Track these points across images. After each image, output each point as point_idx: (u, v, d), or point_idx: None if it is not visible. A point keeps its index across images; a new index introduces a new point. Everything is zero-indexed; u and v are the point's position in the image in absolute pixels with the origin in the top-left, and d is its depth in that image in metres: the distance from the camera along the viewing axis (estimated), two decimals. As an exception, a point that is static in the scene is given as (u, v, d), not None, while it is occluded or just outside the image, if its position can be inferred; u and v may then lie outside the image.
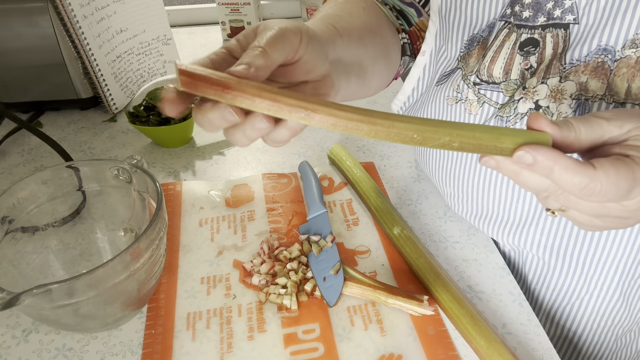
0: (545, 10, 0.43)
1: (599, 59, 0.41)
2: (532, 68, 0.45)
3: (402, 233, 0.54)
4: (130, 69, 0.87)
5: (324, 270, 0.51)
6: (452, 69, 0.53)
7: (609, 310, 0.52)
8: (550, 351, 0.45)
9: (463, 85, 0.50)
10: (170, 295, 0.50)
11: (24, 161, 0.72)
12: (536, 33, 0.44)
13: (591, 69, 0.41)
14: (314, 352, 0.45)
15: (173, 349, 0.45)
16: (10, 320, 0.48)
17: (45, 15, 0.73)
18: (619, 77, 0.40)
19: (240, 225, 0.58)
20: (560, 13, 0.42)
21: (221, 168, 0.70)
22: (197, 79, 0.31)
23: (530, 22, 0.44)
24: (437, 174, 0.56)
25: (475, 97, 0.49)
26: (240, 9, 1.07)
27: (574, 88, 0.42)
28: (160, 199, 0.45)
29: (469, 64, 0.50)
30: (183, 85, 0.31)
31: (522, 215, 0.49)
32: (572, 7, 0.42)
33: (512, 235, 0.52)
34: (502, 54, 0.46)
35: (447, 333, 0.46)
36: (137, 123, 0.71)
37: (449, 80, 0.52)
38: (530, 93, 0.45)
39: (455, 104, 0.51)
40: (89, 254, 0.52)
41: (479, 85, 0.48)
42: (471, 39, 0.49)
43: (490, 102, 0.48)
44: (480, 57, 0.48)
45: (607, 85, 0.41)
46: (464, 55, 0.50)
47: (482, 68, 0.48)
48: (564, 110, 0.43)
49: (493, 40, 0.47)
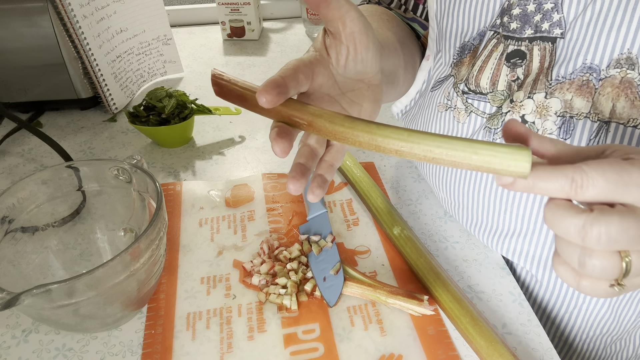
0: (532, 23, 0.43)
1: (584, 77, 0.41)
2: (519, 80, 0.45)
3: (402, 233, 0.54)
4: (130, 69, 0.87)
5: (324, 270, 0.51)
6: (445, 75, 0.53)
7: (597, 320, 0.52)
8: (551, 351, 0.45)
9: (453, 93, 0.50)
10: (170, 295, 0.50)
11: (24, 161, 0.72)
12: (523, 45, 0.44)
13: (576, 87, 0.42)
14: (314, 352, 0.45)
15: (173, 349, 0.45)
16: (10, 320, 0.48)
17: (45, 15, 0.73)
18: (603, 96, 0.41)
19: (240, 225, 0.58)
20: (548, 26, 0.43)
21: (221, 168, 0.70)
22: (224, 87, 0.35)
23: (517, 33, 0.44)
24: (431, 178, 0.57)
25: (463, 106, 0.49)
26: (240, 9, 1.07)
27: (559, 105, 0.43)
28: (160, 199, 0.45)
29: (461, 72, 0.50)
30: (214, 85, 0.35)
31: (510, 225, 0.50)
32: (560, 21, 0.42)
33: (501, 245, 0.52)
34: (489, 64, 0.46)
35: (447, 333, 0.46)
36: (137, 123, 0.71)
37: (442, 86, 0.53)
38: (517, 107, 0.45)
39: (445, 111, 0.52)
40: (89, 254, 0.52)
41: (467, 94, 0.49)
42: (462, 46, 0.50)
43: (478, 111, 0.48)
44: (470, 65, 0.49)
45: (592, 103, 0.41)
46: (457, 62, 0.51)
47: (471, 77, 0.48)
48: (548, 126, 0.43)
49: (482, 50, 0.47)
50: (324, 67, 0.39)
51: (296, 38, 1.12)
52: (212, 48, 1.08)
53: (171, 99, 0.71)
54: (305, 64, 0.37)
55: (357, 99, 0.41)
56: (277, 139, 0.34)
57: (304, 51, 0.98)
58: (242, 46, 1.09)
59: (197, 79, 0.95)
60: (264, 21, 1.20)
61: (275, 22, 1.20)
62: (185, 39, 1.12)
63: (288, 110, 0.33)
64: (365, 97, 0.42)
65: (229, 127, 0.79)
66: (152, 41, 0.91)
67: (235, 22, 1.09)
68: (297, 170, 0.37)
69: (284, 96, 0.33)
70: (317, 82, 0.38)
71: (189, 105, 0.73)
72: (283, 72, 0.35)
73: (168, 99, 0.71)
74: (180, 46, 1.03)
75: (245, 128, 0.79)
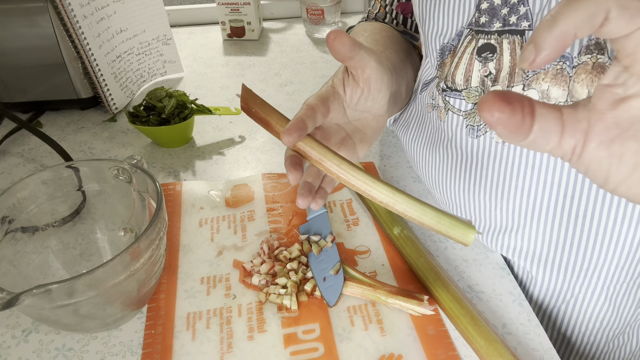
0: (500, 16, 0.44)
1: (557, 65, 0.42)
2: (492, 75, 0.45)
3: (402, 233, 0.54)
4: (130, 69, 0.87)
5: (324, 270, 0.51)
6: (431, 77, 0.54)
7: (595, 313, 0.52)
8: (550, 351, 0.45)
9: (436, 92, 0.51)
10: (170, 295, 0.50)
11: (24, 161, 0.72)
12: (492, 39, 0.45)
13: (551, 76, 0.42)
14: (314, 352, 0.45)
15: (173, 349, 0.45)
16: (10, 320, 0.48)
17: (45, 15, 0.73)
18: (578, 83, 0.41)
19: (240, 225, 0.58)
20: (516, 19, 0.43)
21: (221, 168, 0.70)
22: (252, 103, 0.39)
23: (486, 27, 0.45)
24: (427, 179, 0.58)
25: (443, 104, 0.50)
26: (240, 9, 1.07)
27: (537, 96, 0.43)
28: (160, 199, 0.45)
29: (444, 72, 0.51)
30: (241, 101, 0.40)
31: (503, 222, 0.50)
32: (527, 13, 0.42)
33: (496, 242, 0.53)
34: (463, 59, 0.47)
35: (447, 333, 0.46)
36: (137, 123, 0.71)
37: (428, 87, 0.54)
38: None
39: (432, 111, 0.53)
40: (89, 254, 0.52)
41: (445, 91, 0.49)
42: (442, 48, 0.50)
43: (454, 109, 0.49)
44: (450, 65, 0.49)
45: (568, 91, 0.42)
46: (440, 64, 0.51)
47: (449, 74, 0.49)
48: None
49: (459, 48, 0.48)
50: (337, 104, 0.44)
51: (296, 38, 1.12)
52: (212, 48, 1.08)
53: (171, 99, 0.71)
54: (323, 102, 0.42)
55: (362, 127, 0.47)
56: (292, 170, 0.41)
57: (304, 51, 0.99)
58: (242, 46, 1.09)
59: (197, 79, 0.96)
60: (264, 21, 1.20)
61: (275, 22, 1.20)
62: (185, 39, 1.12)
63: (304, 146, 0.39)
64: (370, 125, 0.47)
65: (229, 127, 0.79)
66: (152, 41, 0.91)
67: (235, 22, 1.09)
68: (305, 188, 0.44)
69: (304, 135, 0.38)
70: (330, 115, 0.43)
71: (189, 105, 0.73)
72: (304, 112, 0.40)
73: (168, 99, 0.71)
74: (180, 46, 1.03)
75: (245, 128, 0.79)
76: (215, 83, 0.94)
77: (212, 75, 0.96)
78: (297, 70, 0.97)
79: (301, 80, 0.93)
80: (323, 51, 1.05)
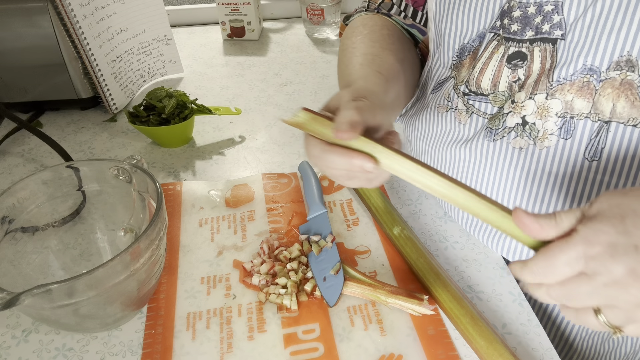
0: (533, 25, 0.44)
1: (584, 78, 0.42)
2: (520, 81, 0.45)
3: (402, 233, 0.54)
4: (130, 69, 0.87)
5: (324, 270, 0.51)
6: (445, 77, 0.53)
7: None
8: (550, 351, 0.45)
9: (453, 95, 0.51)
10: (170, 295, 0.50)
11: (24, 161, 0.72)
12: (524, 47, 0.45)
13: (577, 88, 0.42)
14: (314, 352, 0.45)
15: (173, 349, 0.45)
16: (10, 320, 0.48)
17: (45, 15, 0.73)
18: (604, 97, 0.41)
19: (240, 225, 0.58)
20: (549, 28, 0.43)
21: (221, 168, 0.70)
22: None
23: (518, 35, 0.45)
24: None
25: (464, 107, 0.50)
26: (240, 9, 1.07)
27: (560, 106, 0.43)
28: (160, 199, 0.45)
29: (461, 73, 0.51)
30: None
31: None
32: (561, 22, 0.42)
33: (496, 244, 0.53)
34: (490, 65, 0.47)
35: (447, 333, 0.46)
36: (137, 123, 0.71)
37: (442, 88, 0.54)
38: (518, 107, 0.45)
39: (446, 112, 0.52)
40: (89, 254, 0.52)
41: (468, 95, 0.49)
42: (462, 48, 0.50)
43: (479, 112, 0.49)
44: (471, 67, 0.49)
45: (592, 104, 0.42)
46: (457, 64, 0.51)
47: (472, 79, 0.49)
48: (549, 127, 0.44)
49: (482, 52, 0.48)
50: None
51: (296, 38, 1.12)
52: (212, 48, 1.08)
53: (171, 99, 0.71)
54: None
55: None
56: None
57: (304, 51, 0.98)
58: (242, 46, 1.09)
59: (197, 79, 0.95)
60: (264, 21, 1.20)
61: (275, 22, 1.20)
62: (185, 39, 1.12)
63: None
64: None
65: (229, 127, 0.79)
66: (152, 41, 0.91)
67: (235, 22, 1.09)
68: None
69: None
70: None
71: (189, 105, 0.73)
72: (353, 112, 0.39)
73: (168, 99, 0.71)
74: (180, 46, 1.03)
75: (245, 128, 0.79)
76: (215, 83, 0.94)
77: (212, 75, 0.96)
78: (297, 70, 0.97)
79: (301, 80, 0.93)
80: (323, 51, 1.05)
